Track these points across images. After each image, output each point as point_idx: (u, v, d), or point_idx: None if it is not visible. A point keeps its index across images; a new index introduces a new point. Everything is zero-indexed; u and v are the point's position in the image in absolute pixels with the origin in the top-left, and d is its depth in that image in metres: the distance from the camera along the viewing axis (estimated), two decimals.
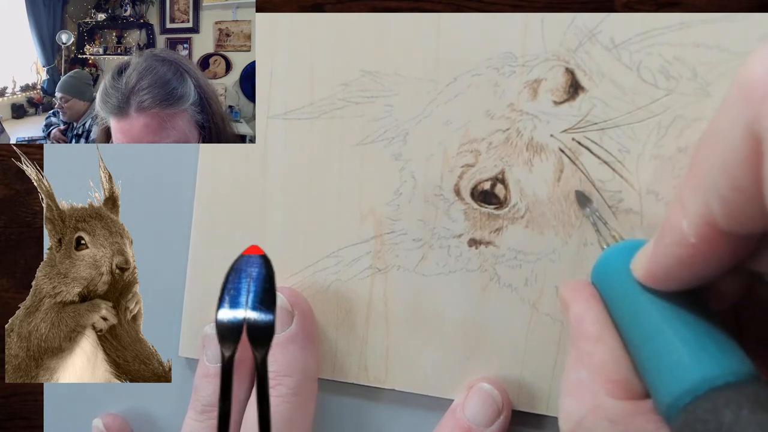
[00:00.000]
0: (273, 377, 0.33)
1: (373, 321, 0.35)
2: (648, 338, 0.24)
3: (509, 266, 0.34)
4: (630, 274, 0.25)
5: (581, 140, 0.32)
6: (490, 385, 0.33)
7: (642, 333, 0.24)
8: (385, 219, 0.35)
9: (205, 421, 0.34)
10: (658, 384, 0.23)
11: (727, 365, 0.22)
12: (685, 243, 0.22)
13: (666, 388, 0.22)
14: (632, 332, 0.25)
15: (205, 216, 0.37)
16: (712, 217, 0.21)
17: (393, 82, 0.34)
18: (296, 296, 0.35)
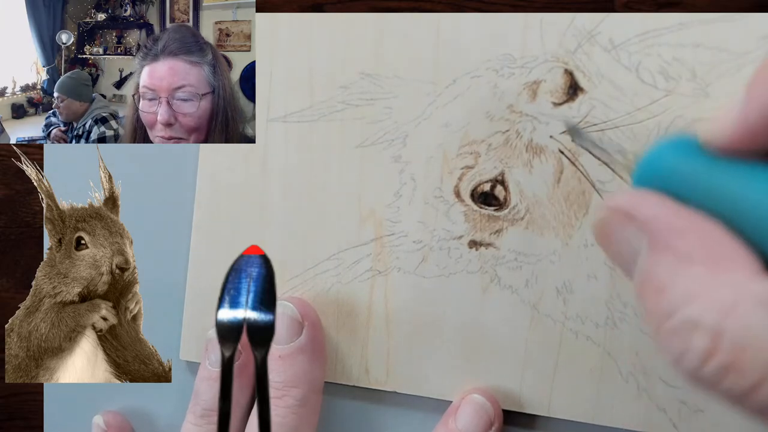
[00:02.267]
0: (280, 388, 0.33)
1: (374, 323, 0.35)
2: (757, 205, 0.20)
3: (510, 268, 0.34)
4: (701, 159, 0.22)
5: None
6: (482, 397, 0.33)
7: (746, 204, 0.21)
8: (385, 221, 0.35)
9: (205, 425, 0.34)
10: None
11: None
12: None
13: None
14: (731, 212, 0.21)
15: (205, 217, 0.37)
16: None
17: (392, 85, 0.34)
18: (306, 307, 0.35)
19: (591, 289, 0.33)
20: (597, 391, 0.33)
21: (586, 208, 0.33)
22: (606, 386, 0.33)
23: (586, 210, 0.33)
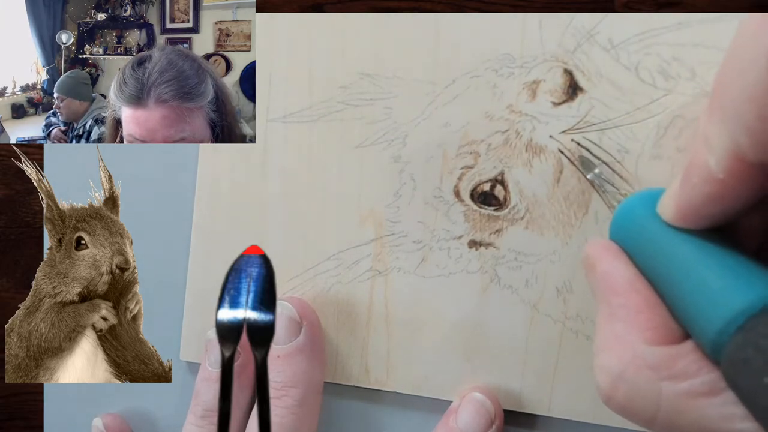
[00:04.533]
0: (280, 388, 0.33)
1: (374, 323, 0.35)
2: (685, 276, 0.23)
3: (509, 267, 0.34)
4: (655, 219, 0.25)
5: (580, 141, 0.32)
6: (482, 396, 0.33)
7: (677, 272, 0.23)
8: (385, 221, 0.35)
9: (206, 426, 0.34)
10: (703, 316, 0.22)
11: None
12: (714, 180, 0.21)
13: (714, 316, 0.22)
14: (666, 275, 0.24)
15: (205, 217, 0.37)
16: (740, 150, 0.20)
17: (392, 85, 0.34)
18: (305, 307, 0.35)
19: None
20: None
21: (585, 208, 0.33)
22: None
23: (585, 210, 0.33)
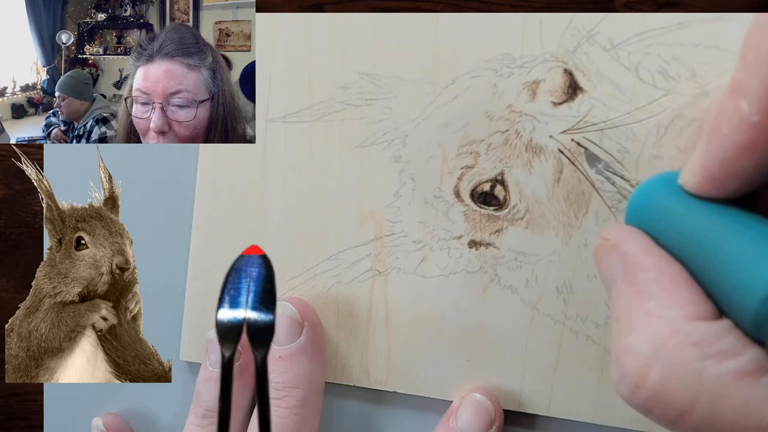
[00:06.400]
0: (281, 389, 0.33)
1: (374, 323, 0.35)
2: (718, 248, 0.22)
3: (509, 267, 0.34)
4: (676, 197, 0.24)
5: (580, 141, 0.32)
6: (482, 396, 0.33)
7: (709, 245, 0.22)
8: (385, 221, 0.35)
9: (207, 426, 0.34)
10: (742, 286, 0.21)
11: None
12: (747, 125, 0.21)
13: (755, 285, 0.20)
14: (695, 251, 0.23)
15: (205, 217, 0.37)
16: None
17: (392, 85, 0.34)
18: (306, 307, 0.35)
19: (591, 288, 0.33)
20: (597, 391, 0.33)
21: (585, 208, 0.33)
22: (606, 386, 0.33)
23: (585, 210, 0.33)
